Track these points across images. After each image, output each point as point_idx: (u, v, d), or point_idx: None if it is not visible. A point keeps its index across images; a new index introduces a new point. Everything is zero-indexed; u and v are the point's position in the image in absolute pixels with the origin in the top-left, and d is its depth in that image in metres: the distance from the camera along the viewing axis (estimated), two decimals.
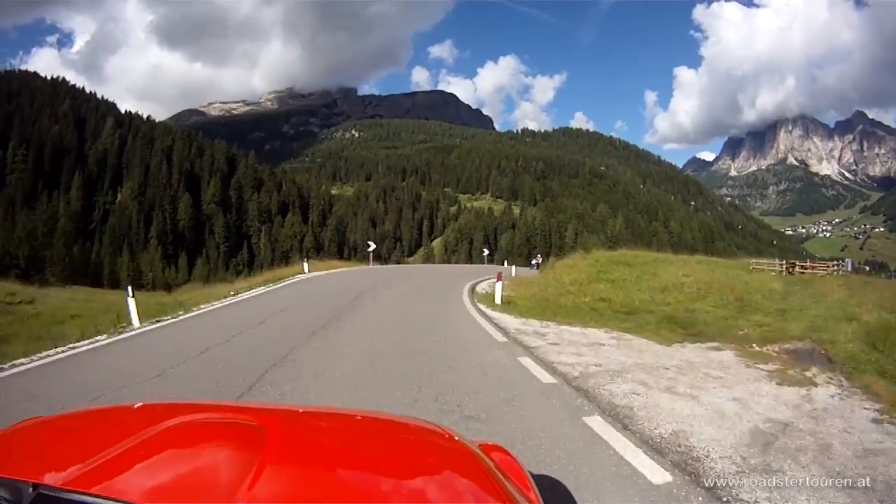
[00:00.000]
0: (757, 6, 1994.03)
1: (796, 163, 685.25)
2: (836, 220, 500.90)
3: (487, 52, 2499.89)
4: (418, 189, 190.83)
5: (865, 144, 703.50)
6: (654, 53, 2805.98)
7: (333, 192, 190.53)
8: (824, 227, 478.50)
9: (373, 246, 55.51)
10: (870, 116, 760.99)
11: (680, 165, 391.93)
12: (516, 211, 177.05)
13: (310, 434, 2.09)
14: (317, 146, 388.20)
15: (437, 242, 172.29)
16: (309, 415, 2.57)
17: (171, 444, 1.79)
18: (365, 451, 1.96)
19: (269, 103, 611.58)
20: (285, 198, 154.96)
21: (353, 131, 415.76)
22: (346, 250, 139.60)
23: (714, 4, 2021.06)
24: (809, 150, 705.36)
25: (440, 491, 1.67)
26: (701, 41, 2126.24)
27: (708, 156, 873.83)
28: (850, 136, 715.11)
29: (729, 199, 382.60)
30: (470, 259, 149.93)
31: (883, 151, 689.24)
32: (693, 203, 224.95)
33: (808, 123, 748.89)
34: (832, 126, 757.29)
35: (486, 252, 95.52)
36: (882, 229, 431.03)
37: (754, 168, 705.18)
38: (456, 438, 2.08)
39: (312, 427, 2.24)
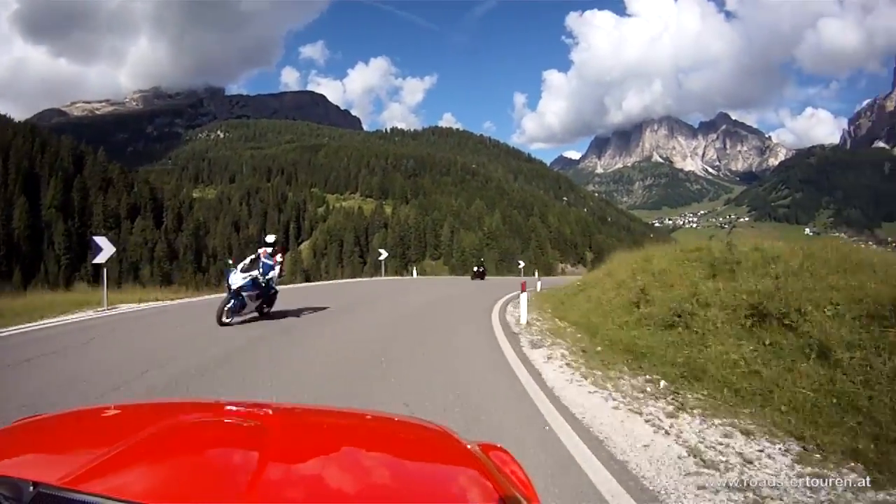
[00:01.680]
0: (629, 15, 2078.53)
1: (661, 160, 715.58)
2: (702, 212, 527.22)
3: (359, 54, 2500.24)
4: (284, 190, 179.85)
5: (728, 143, 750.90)
6: (525, 57, 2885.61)
7: (195, 195, 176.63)
8: (690, 219, 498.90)
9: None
10: (733, 118, 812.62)
11: (547, 164, 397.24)
12: (388, 210, 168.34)
13: (309, 433, 2.10)
14: (181, 148, 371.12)
15: (304, 246, 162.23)
16: (309, 414, 2.59)
17: (172, 444, 1.79)
18: (364, 450, 1.97)
19: (134, 103, 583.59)
20: (136, 200, 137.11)
21: (219, 132, 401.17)
22: (204, 258, 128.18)
23: (587, 12, 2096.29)
24: (674, 148, 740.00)
25: (440, 491, 1.67)
26: (572, 46, 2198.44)
27: (574, 155, 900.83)
28: (714, 136, 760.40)
29: (597, 194, 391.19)
30: (340, 262, 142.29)
31: (745, 149, 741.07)
32: (565, 199, 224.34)
33: (674, 124, 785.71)
34: (696, 126, 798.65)
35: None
36: (747, 219, 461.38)
37: (620, 165, 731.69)
38: (456, 438, 2.07)
39: (312, 426, 2.25)
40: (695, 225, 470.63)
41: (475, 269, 52.98)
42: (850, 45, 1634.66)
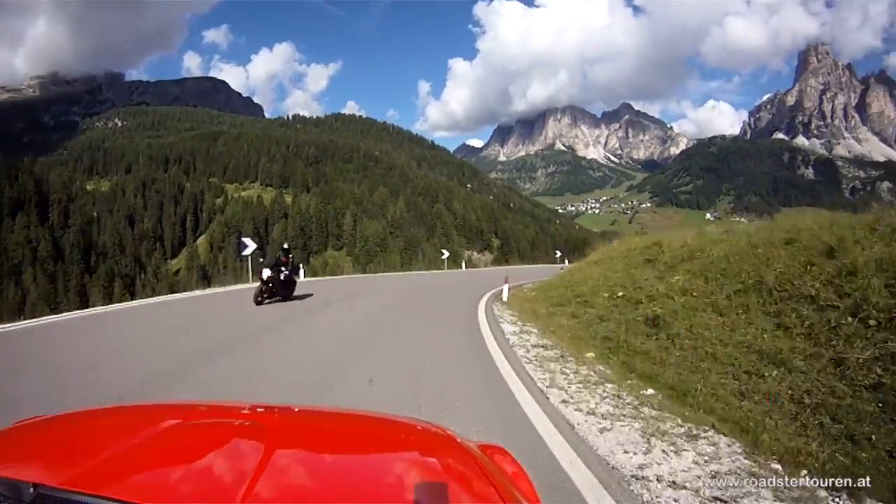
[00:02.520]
0: (537, 6, 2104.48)
1: (564, 148, 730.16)
2: (604, 198, 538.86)
3: (264, 39, 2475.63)
4: (182, 180, 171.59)
5: (631, 132, 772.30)
6: (431, 45, 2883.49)
7: (89, 187, 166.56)
8: (593, 205, 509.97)
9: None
10: (636, 108, 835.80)
11: (451, 151, 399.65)
12: (289, 199, 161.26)
13: (309, 434, 2.10)
14: (77, 138, 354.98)
15: (202, 240, 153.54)
16: (308, 415, 2.59)
17: (172, 444, 1.79)
18: (365, 451, 1.98)
19: (31, 90, 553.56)
20: (20, 194, 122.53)
21: (117, 120, 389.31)
22: (94, 257, 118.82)
23: (495, 2, 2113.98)
24: (577, 136, 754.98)
25: (440, 492, 1.64)
26: (479, 35, 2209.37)
27: (477, 143, 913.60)
28: (617, 125, 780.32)
29: (500, 182, 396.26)
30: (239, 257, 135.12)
31: (647, 138, 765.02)
32: (469, 185, 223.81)
33: (577, 113, 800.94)
34: (599, 116, 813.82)
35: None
36: (649, 205, 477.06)
37: (523, 153, 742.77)
38: (456, 439, 2.07)
39: (312, 427, 2.25)
40: (597, 211, 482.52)
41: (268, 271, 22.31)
42: (755, 43, 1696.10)
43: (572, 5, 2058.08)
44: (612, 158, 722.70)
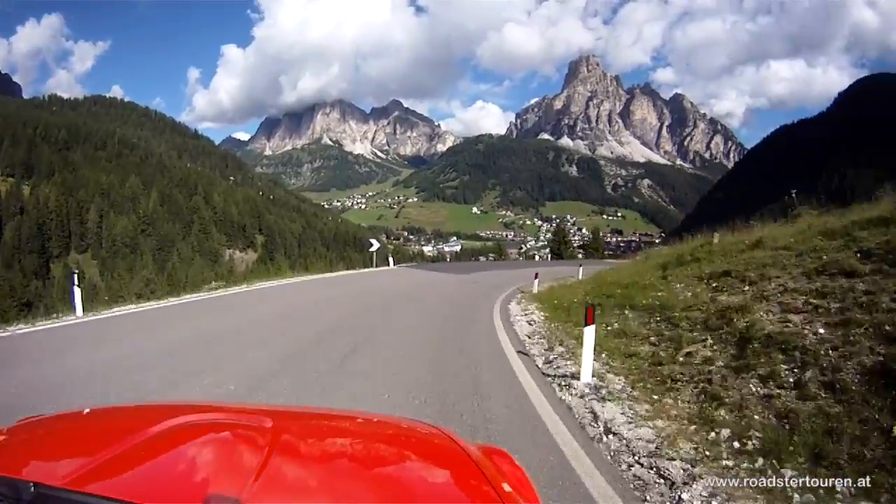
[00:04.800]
0: None
1: (331, 143, 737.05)
2: (370, 194, 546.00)
3: (32, 7, 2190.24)
4: None
5: (399, 129, 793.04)
6: (206, 29, 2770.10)
7: None
8: (359, 200, 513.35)
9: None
10: (405, 105, 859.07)
11: (216, 143, 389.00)
12: (27, 191, 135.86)
13: (310, 436, 2.13)
14: None
15: None
16: (310, 416, 2.62)
17: (172, 445, 1.81)
18: (366, 454, 2.01)
19: None
20: None
21: None
22: None
23: None
24: (345, 131, 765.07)
25: (440, 494, 1.69)
26: (256, 21, 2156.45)
27: (243, 136, 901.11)
28: (386, 121, 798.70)
29: (265, 176, 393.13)
30: None
31: (415, 135, 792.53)
32: (233, 178, 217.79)
33: (347, 108, 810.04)
34: (369, 112, 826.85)
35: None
36: (415, 199, 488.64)
37: (290, 147, 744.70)
38: (456, 441, 2.09)
39: (313, 428, 2.27)
40: (363, 206, 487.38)
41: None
42: (529, 50, 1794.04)
43: None
44: (379, 154, 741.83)
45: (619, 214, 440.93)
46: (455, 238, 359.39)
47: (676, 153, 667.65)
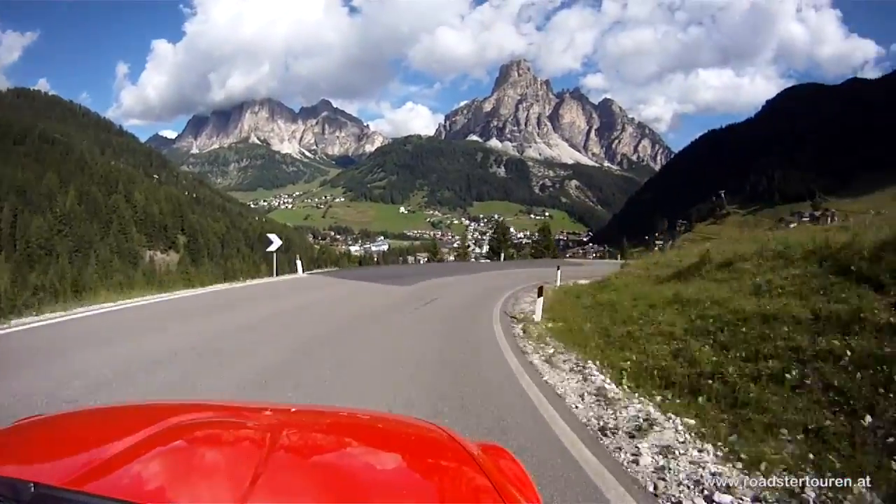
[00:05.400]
0: None
1: (259, 142, 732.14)
2: (297, 193, 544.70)
3: None
4: None
5: (327, 129, 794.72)
6: (137, 22, 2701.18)
7: None
8: (286, 200, 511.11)
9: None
10: (335, 105, 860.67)
11: (143, 142, 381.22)
12: None
13: (309, 434, 2.14)
14: None
15: None
16: (308, 415, 2.63)
17: (172, 444, 1.81)
18: (365, 451, 2.01)
19: None
20: None
21: None
22: None
23: None
24: (273, 130, 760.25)
25: (439, 491, 1.71)
26: (188, 16, 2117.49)
27: (171, 134, 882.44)
28: (314, 121, 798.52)
29: (191, 175, 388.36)
30: None
31: (343, 135, 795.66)
32: (157, 176, 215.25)
33: (275, 107, 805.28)
34: (297, 111, 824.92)
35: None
36: (343, 199, 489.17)
37: (217, 146, 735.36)
38: (456, 439, 2.11)
39: (312, 427, 2.28)
40: (290, 206, 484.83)
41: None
42: (461, 53, 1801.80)
43: None
44: (307, 154, 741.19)
45: (547, 214, 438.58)
46: (382, 238, 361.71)
47: (604, 155, 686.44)
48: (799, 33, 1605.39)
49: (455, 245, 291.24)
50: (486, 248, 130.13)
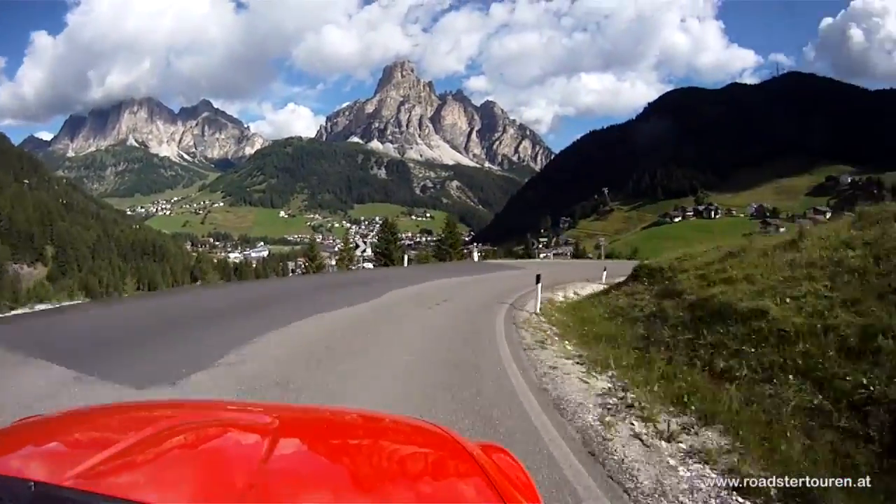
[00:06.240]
0: None
1: (137, 144, 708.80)
2: (175, 199, 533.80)
3: None
4: None
5: (207, 130, 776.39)
6: (14, 12, 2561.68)
7: None
8: (164, 206, 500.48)
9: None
10: (215, 105, 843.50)
11: (16, 144, 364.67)
12: None
13: (310, 434, 2.15)
14: None
15: None
16: (309, 414, 2.68)
17: (173, 443, 1.82)
18: (365, 451, 2.02)
19: None
20: None
21: None
22: None
23: None
24: (152, 132, 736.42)
25: (441, 492, 1.71)
26: (71, 6, 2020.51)
27: (47, 136, 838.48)
28: (194, 122, 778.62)
29: (65, 181, 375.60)
30: None
31: (223, 136, 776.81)
32: (27, 181, 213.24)
33: (155, 107, 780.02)
34: (177, 111, 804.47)
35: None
36: (221, 204, 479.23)
37: (94, 149, 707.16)
38: (457, 439, 2.12)
39: (312, 427, 2.30)
40: (168, 212, 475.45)
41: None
42: (346, 53, 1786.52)
43: None
44: (186, 157, 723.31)
45: (429, 215, 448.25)
46: (262, 243, 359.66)
47: (485, 156, 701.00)
48: (682, 42, 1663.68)
49: (337, 249, 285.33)
50: (368, 251, 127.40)
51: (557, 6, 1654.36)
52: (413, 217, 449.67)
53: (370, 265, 69.13)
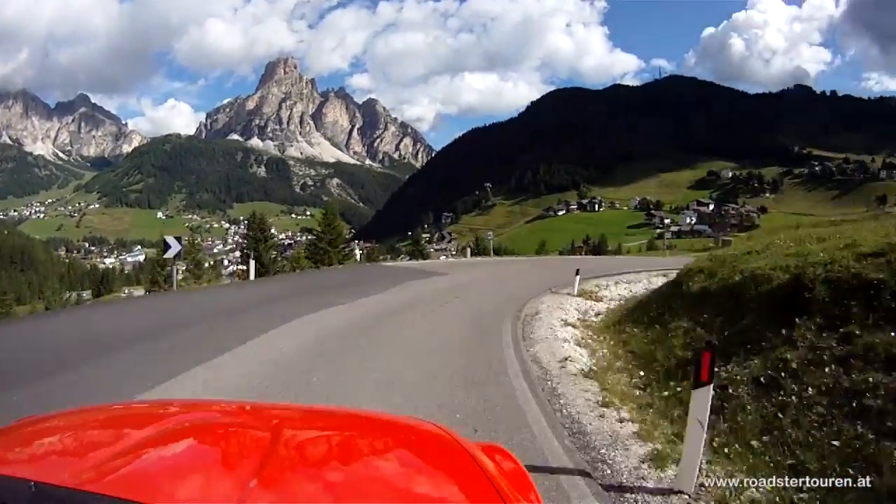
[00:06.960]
0: None
1: (11, 142, 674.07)
2: (50, 201, 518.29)
3: None
4: None
5: (84, 126, 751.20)
6: None
7: None
8: (38, 209, 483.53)
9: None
10: (93, 100, 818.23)
11: None
12: None
13: (310, 434, 2.19)
14: None
15: None
16: (308, 414, 2.74)
17: (173, 443, 1.83)
18: (365, 451, 2.05)
19: None
20: None
21: None
22: None
23: None
24: (27, 128, 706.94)
25: (440, 492, 1.73)
26: None
27: None
28: (71, 118, 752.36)
29: None
30: None
31: (101, 134, 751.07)
32: None
33: (30, 101, 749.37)
34: (53, 106, 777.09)
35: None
36: (97, 205, 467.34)
37: None
38: (456, 439, 2.13)
39: (312, 427, 2.34)
40: (42, 216, 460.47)
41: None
42: (229, 48, 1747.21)
43: None
44: (61, 155, 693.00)
45: (309, 213, 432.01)
46: (139, 247, 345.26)
47: (366, 154, 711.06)
48: (566, 45, 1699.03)
49: (216, 250, 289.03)
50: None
51: (445, 7, 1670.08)
52: (293, 216, 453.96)
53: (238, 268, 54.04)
